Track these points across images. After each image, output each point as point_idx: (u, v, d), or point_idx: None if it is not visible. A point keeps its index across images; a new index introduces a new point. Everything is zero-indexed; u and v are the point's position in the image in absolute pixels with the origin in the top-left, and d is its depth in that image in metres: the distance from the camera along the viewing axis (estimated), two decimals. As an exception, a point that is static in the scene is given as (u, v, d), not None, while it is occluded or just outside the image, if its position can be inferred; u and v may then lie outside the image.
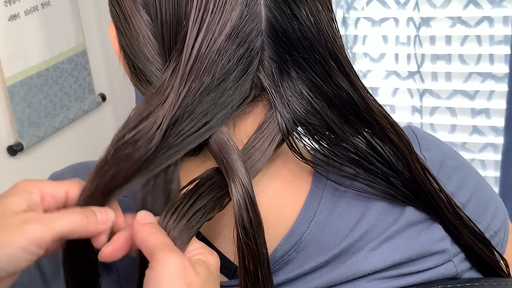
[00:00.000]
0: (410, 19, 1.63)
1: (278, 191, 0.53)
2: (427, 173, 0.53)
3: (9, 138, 1.51)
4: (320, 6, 0.48)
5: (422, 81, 1.67)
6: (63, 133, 1.69)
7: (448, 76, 1.66)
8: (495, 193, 0.62)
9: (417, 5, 1.60)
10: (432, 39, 1.63)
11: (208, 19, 0.45)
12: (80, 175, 0.50)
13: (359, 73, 0.51)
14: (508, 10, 1.54)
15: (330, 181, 0.53)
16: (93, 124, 1.82)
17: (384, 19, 1.67)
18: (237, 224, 0.46)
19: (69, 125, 1.70)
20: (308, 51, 0.47)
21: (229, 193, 0.47)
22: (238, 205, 0.46)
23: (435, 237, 0.53)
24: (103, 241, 0.46)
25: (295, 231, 0.52)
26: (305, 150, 0.52)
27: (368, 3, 1.66)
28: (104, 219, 0.46)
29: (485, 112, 1.65)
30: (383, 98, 1.73)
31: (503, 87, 1.60)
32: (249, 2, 0.45)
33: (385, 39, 1.68)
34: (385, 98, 1.73)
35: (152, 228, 0.44)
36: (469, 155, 1.69)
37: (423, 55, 1.64)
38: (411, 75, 1.69)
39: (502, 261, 0.57)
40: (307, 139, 0.50)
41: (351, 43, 1.69)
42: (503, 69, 1.59)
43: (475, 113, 1.66)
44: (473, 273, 0.55)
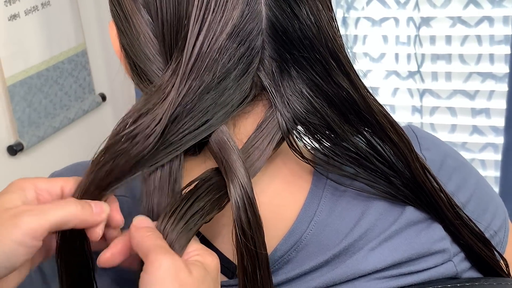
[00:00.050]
0: (410, 19, 1.63)
1: (278, 190, 0.53)
2: (427, 172, 0.52)
3: (9, 138, 1.51)
4: (320, 5, 0.48)
5: (422, 81, 1.67)
6: (63, 133, 1.69)
7: (448, 76, 1.66)
8: (495, 193, 0.62)
9: (417, 5, 1.60)
10: (432, 39, 1.63)
11: (209, 18, 0.45)
12: (79, 174, 0.50)
13: (359, 73, 0.51)
14: (508, 10, 1.54)
15: (330, 180, 0.53)
16: (93, 124, 1.82)
17: (384, 19, 1.67)
18: (236, 225, 0.46)
19: (69, 125, 1.70)
20: (308, 50, 0.47)
21: (228, 194, 0.46)
22: (236, 206, 0.46)
23: (435, 236, 0.53)
24: (98, 233, 0.46)
25: (295, 230, 0.52)
26: (305, 149, 0.52)
27: (368, 3, 1.66)
28: (98, 211, 0.46)
29: (485, 112, 1.65)
30: (383, 98, 1.73)
31: (503, 87, 1.60)
32: (250, 1, 0.45)
33: (385, 39, 1.68)
34: (385, 98, 1.73)
35: (147, 231, 0.44)
36: (469, 155, 1.69)
37: (423, 55, 1.64)
38: (411, 75, 1.69)
39: (502, 261, 0.57)
40: (307, 138, 0.50)
41: (351, 43, 1.69)
42: (503, 69, 1.59)
43: (475, 113, 1.66)
44: (473, 273, 0.55)
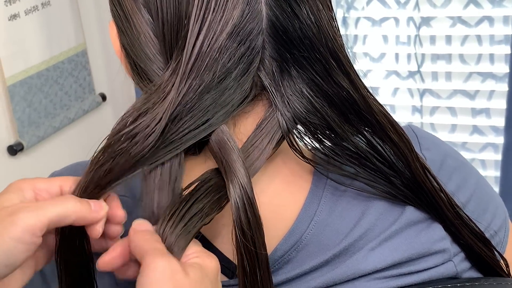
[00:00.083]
0: (410, 19, 1.63)
1: (278, 190, 0.53)
2: (427, 172, 0.52)
3: (9, 138, 1.51)
4: (320, 5, 0.48)
5: (422, 80, 1.67)
6: (63, 133, 1.69)
7: (448, 76, 1.66)
8: (495, 192, 0.62)
9: (417, 4, 1.60)
10: (432, 39, 1.63)
11: (209, 18, 0.45)
12: (79, 174, 0.50)
13: (360, 72, 0.51)
14: (508, 9, 1.54)
15: (330, 180, 0.53)
16: (93, 124, 1.82)
17: (384, 19, 1.67)
18: (235, 225, 0.46)
19: (69, 125, 1.70)
20: (308, 50, 0.47)
21: (227, 194, 0.46)
22: (236, 207, 0.46)
23: (435, 236, 0.53)
24: (98, 230, 0.46)
25: (295, 230, 0.52)
26: (305, 149, 0.52)
27: (368, 2, 1.66)
28: (97, 208, 0.46)
29: (486, 112, 1.65)
30: (384, 97, 1.73)
31: (503, 87, 1.60)
32: (250, 1, 0.45)
33: (385, 38, 1.68)
34: (386, 97, 1.73)
35: (145, 234, 0.44)
36: (470, 155, 1.69)
37: (423, 55, 1.64)
38: (411, 74, 1.69)
39: (502, 261, 0.57)
40: (308, 138, 0.50)
41: (351, 42, 1.69)
42: (503, 68, 1.59)
43: (475, 113, 1.66)
44: (473, 273, 0.55)
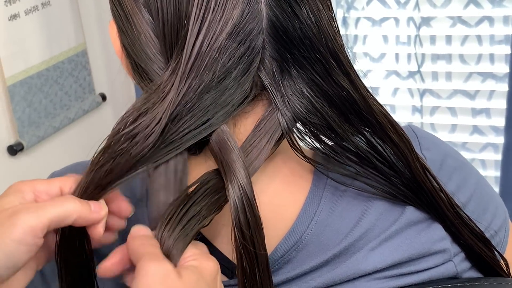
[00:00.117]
0: (410, 19, 1.63)
1: (278, 190, 0.53)
2: (427, 172, 0.52)
3: (9, 138, 1.51)
4: (320, 5, 0.48)
5: (422, 80, 1.67)
6: (63, 133, 1.69)
7: (448, 75, 1.66)
8: (495, 192, 0.62)
9: (417, 4, 1.60)
10: (432, 39, 1.63)
11: (209, 18, 0.45)
12: (79, 174, 0.50)
13: (360, 73, 0.51)
14: (508, 9, 1.54)
15: (330, 180, 0.53)
16: (93, 124, 1.82)
17: (384, 19, 1.67)
18: (234, 225, 0.46)
19: (69, 125, 1.70)
20: (308, 50, 0.47)
21: (226, 195, 0.46)
22: (235, 207, 0.46)
23: (435, 236, 0.53)
24: (100, 231, 0.46)
25: (295, 230, 0.52)
26: (305, 149, 0.52)
27: (368, 2, 1.66)
28: (97, 208, 0.46)
29: (486, 112, 1.65)
30: (384, 97, 1.73)
31: (504, 87, 1.60)
32: (250, 0, 0.45)
33: (385, 38, 1.68)
34: (386, 97, 1.73)
35: (142, 240, 0.45)
36: (470, 155, 1.69)
37: (423, 55, 1.64)
38: (411, 74, 1.69)
39: (502, 261, 0.57)
40: (308, 137, 0.50)
41: (351, 42, 1.68)
42: (503, 68, 1.59)
43: (475, 113, 1.66)
44: (473, 273, 0.55)
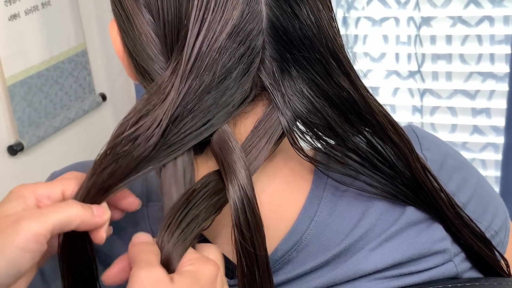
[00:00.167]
0: (410, 19, 1.63)
1: (278, 190, 0.53)
2: (428, 172, 0.52)
3: (9, 138, 1.50)
4: (320, 5, 0.47)
5: (422, 80, 1.67)
6: (63, 133, 1.69)
7: (448, 75, 1.66)
8: (495, 192, 0.62)
9: (417, 4, 1.60)
10: (432, 39, 1.63)
11: (209, 18, 0.45)
12: (80, 175, 0.50)
13: (360, 72, 0.51)
14: (508, 9, 1.54)
15: (330, 180, 0.53)
16: (93, 124, 1.82)
17: (384, 19, 1.66)
18: (234, 226, 0.46)
19: (69, 125, 1.70)
20: (308, 50, 0.47)
21: (226, 197, 0.46)
22: (235, 208, 0.46)
23: (436, 237, 0.53)
24: (102, 236, 0.46)
25: (296, 231, 0.52)
26: (306, 149, 0.52)
27: (368, 2, 1.66)
28: (100, 213, 0.46)
29: (486, 111, 1.65)
30: (384, 97, 1.73)
31: (504, 87, 1.59)
32: (250, 1, 0.45)
33: (385, 38, 1.68)
34: (386, 97, 1.73)
35: (140, 247, 0.45)
36: (470, 155, 1.69)
37: (423, 55, 1.64)
38: (411, 74, 1.69)
39: (502, 261, 0.57)
40: (308, 137, 0.50)
41: (351, 42, 1.68)
42: (503, 68, 1.59)
43: (475, 112, 1.66)
44: (473, 273, 0.55)
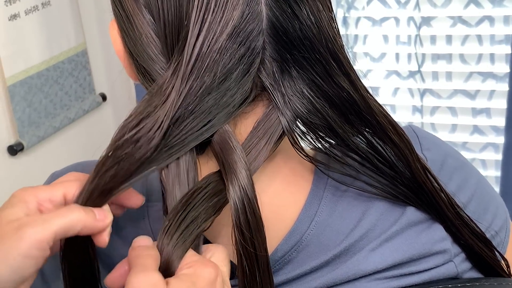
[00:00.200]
0: (410, 19, 1.63)
1: (278, 190, 0.53)
2: (428, 173, 0.52)
3: (10, 138, 1.50)
4: (320, 5, 0.47)
5: (422, 80, 1.67)
6: (63, 133, 1.69)
7: (448, 75, 1.66)
8: (496, 193, 0.62)
9: (417, 4, 1.60)
10: (432, 39, 1.63)
11: (209, 19, 0.45)
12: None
13: (360, 72, 0.51)
14: (508, 9, 1.54)
15: (331, 180, 0.53)
16: (94, 124, 1.82)
17: (384, 19, 1.67)
18: (234, 226, 0.46)
19: (69, 125, 1.70)
20: (308, 51, 0.47)
21: (226, 197, 0.46)
22: (235, 208, 0.46)
23: (436, 237, 0.53)
24: (105, 239, 0.46)
25: (296, 231, 0.52)
26: (306, 149, 0.52)
27: (368, 2, 1.66)
28: (102, 217, 0.46)
29: (486, 111, 1.65)
30: (384, 97, 1.73)
31: (504, 87, 1.60)
32: (250, 1, 0.45)
33: (385, 38, 1.68)
34: (386, 97, 1.73)
35: (138, 251, 0.44)
36: (470, 155, 1.69)
37: (423, 55, 1.64)
38: (411, 74, 1.69)
39: (503, 261, 0.57)
40: (309, 137, 0.50)
41: (351, 42, 1.68)
42: (503, 68, 1.59)
43: (475, 112, 1.66)
44: (474, 273, 0.55)
